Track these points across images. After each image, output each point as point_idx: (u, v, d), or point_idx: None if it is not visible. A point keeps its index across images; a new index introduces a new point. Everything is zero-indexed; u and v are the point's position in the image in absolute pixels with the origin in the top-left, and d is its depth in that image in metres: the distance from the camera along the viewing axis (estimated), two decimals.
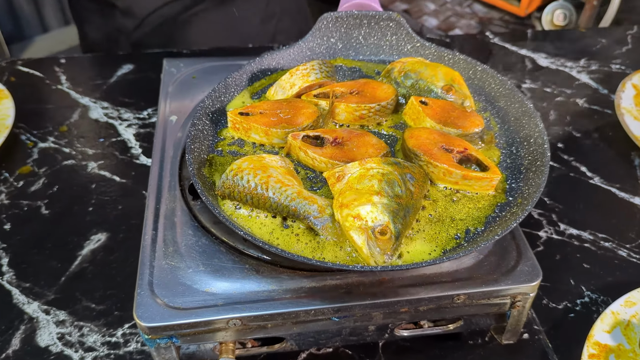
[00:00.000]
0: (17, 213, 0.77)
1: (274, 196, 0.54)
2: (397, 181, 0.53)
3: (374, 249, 0.50)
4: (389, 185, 0.53)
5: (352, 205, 0.51)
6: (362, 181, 0.53)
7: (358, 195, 0.52)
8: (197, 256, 0.56)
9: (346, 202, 0.52)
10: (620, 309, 0.64)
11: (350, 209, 0.51)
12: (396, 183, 0.53)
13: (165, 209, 0.61)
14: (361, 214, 0.51)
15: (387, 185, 0.53)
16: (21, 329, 0.64)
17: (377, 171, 0.54)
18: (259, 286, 0.53)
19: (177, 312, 0.51)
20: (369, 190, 0.52)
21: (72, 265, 0.71)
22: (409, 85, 0.68)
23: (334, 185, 0.55)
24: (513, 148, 0.65)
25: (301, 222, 0.54)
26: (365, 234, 0.50)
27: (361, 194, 0.52)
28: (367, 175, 0.54)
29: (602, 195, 0.84)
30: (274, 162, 0.58)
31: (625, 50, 1.14)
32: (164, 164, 0.66)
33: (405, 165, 0.56)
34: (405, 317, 0.56)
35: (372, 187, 0.53)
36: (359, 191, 0.53)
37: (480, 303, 0.56)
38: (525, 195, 0.57)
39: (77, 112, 0.94)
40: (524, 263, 0.56)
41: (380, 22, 0.76)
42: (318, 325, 0.55)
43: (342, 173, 0.55)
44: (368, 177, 0.53)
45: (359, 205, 0.51)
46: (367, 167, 0.54)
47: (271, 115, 0.63)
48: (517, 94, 0.68)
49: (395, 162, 0.55)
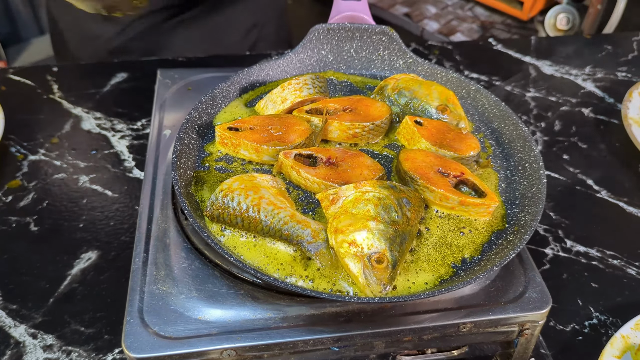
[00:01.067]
0: (5, 230, 0.75)
1: (266, 219, 0.51)
2: (394, 206, 0.51)
3: (370, 278, 0.47)
4: (385, 210, 0.50)
5: (348, 230, 0.49)
6: (358, 205, 0.51)
7: (353, 220, 0.50)
8: (190, 281, 0.53)
9: (341, 227, 0.49)
10: (630, 332, 0.62)
11: (345, 234, 0.49)
12: (392, 208, 0.51)
13: (157, 229, 0.58)
14: (357, 241, 0.48)
15: (383, 211, 0.50)
16: (7, 355, 0.62)
17: (373, 195, 0.51)
18: (254, 314, 0.51)
19: (169, 341, 0.49)
20: (364, 215, 0.50)
21: (61, 286, 0.68)
22: (402, 103, 0.66)
23: (328, 208, 0.53)
24: (508, 172, 0.63)
25: (294, 246, 0.52)
26: (361, 262, 0.48)
27: (357, 219, 0.50)
28: (362, 199, 0.51)
29: (609, 210, 0.81)
30: (265, 182, 0.55)
31: (631, 57, 1.12)
32: (156, 181, 0.63)
33: (401, 189, 0.54)
34: (409, 346, 0.53)
35: (368, 212, 0.50)
36: (354, 216, 0.50)
37: (487, 331, 0.53)
38: (522, 224, 0.55)
39: (69, 122, 0.92)
40: (532, 289, 0.54)
41: (372, 35, 0.73)
42: (317, 355, 0.52)
43: (337, 196, 0.52)
44: (364, 201, 0.51)
45: (355, 231, 0.49)
46: (362, 191, 0.52)
47: (262, 132, 0.60)
48: (511, 115, 0.66)
49: (391, 186, 0.53)
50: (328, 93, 0.69)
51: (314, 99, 0.66)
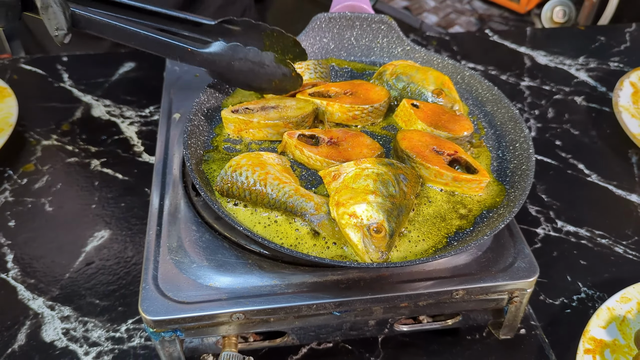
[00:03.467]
0: (22, 210, 0.78)
1: (272, 192, 0.55)
2: (391, 181, 0.54)
3: (369, 246, 0.51)
4: (383, 185, 0.54)
5: (348, 203, 0.53)
6: (358, 180, 0.54)
7: (354, 194, 0.53)
8: (201, 251, 0.57)
9: (342, 201, 0.53)
10: (615, 304, 0.65)
11: (346, 207, 0.52)
12: (390, 183, 0.54)
13: (169, 205, 0.62)
14: (357, 212, 0.52)
15: (381, 185, 0.54)
16: (27, 325, 0.65)
17: (372, 171, 0.55)
18: (261, 281, 0.54)
19: (182, 306, 0.52)
20: (364, 189, 0.53)
21: (76, 262, 0.72)
22: (400, 87, 0.70)
23: (330, 183, 0.56)
24: (500, 152, 0.66)
25: (299, 219, 0.55)
26: (360, 231, 0.51)
27: (357, 193, 0.53)
28: (362, 175, 0.55)
29: (599, 193, 0.85)
30: (271, 159, 0.59)
31: (623, 48, 1.15)
32: (167, 161, 0.67)
33: (398, 166, 0.57)
34: (405, 311, 0.57)
35: (367, 187, 0.54)
36: (354, 190, 0.54)
37: (479, 298, 0.57)
38: (512, 198, 0.58)
39: (79, 110, 0.95)
40: (521, 259, 0.57)
41: (372, 24, 0.77)
42: (319, 320, 0.56)
43: (338, 172, 0.56)
44: (363, 177, 0.55)
45: (355, 204, 0.52)
46: (362, 167, 0.55)
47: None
48: (503, 99, 0.69)
49: (389, 163, 0.57)
50: (330, 78, 0.72)
51: (315, 83, 0.69)
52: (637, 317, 0.64)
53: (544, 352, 0.64)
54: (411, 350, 0.64)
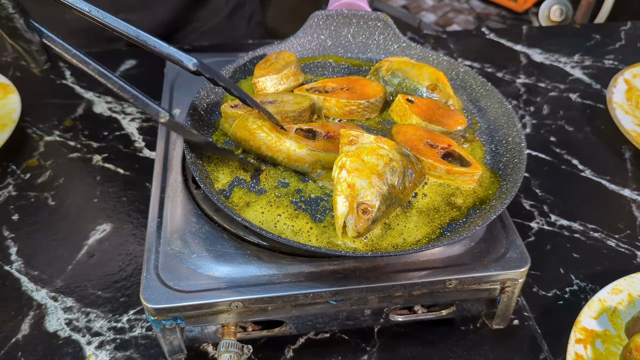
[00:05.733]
0: (25, 204, 0.80)
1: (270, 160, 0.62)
2: (399, 172, 0.56)
3: (349, 221, 0.52)
4: (391, 172, 0.55)
5: (352, 173, 0.54)
6: (371, 155, 0.55)
7: (361, 167, 0.54)
8: (201, 242, 0.58)
9: (348, 167, 0.54)
10: (607, 296, 0.67)
11: (349, 175, 0.53)
12: (397, 173, 0.55)
13: (170, 197, 0.63)
14: (356, 185, 0.53)
15: (389, 171, 0.55)
16: (30, 315, 0.67)
17: (387, 154, 0.55)
18: (260, 271, 0.56)
19: (182, 294, 0.54)
20: (372, 167, 0.54)
21: (78, 254, 0.73)
22: (396, 83, 0.71)
23: (344, 145, 0.57)
24: (492, 146, 0.68)
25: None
26: (349, 206, 0.52)
27: (364, 167, 0.54)
28: (376, 153, 0.55)
29: (592, 187, 0.86)
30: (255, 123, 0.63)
31: (618, 46, 1.16)
32: (167, 155, 0.68)
33: (412, 160, 0.58)
34: (400, 301, 0.58)
35: (376, 166, 0.54)
36: (364, 163, 0.54)
37: (471, 288, 0.58)
38: (504, 190, 0.60)
39: (81, 106, 0.96)
40: (513, 250, 0.59)
41: (368, 21, 0.78)
42: (316, 309, 0.57)
43: (356, 139, 0.56)
44: (377, 155, 0.55)
45: (358, 177, 0.53)
46: (379, 145, 0.56)
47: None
48: (497, 94, 0.70)
49: (405, 154, 0.57)
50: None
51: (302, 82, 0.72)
52: (628, 308, 0.66)
53: (536, 341, 0.66)
54: (406, 340, 0.66)
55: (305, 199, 0.59)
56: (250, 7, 1.21)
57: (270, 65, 0.71)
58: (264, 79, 0.69)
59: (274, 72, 0.70)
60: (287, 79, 0.70)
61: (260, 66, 0.72)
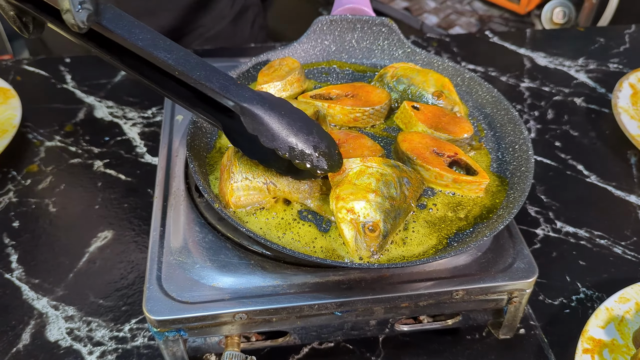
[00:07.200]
0: (25, 211, 0.79)
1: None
2: (394, 183, 0.55)
3: (360, 243, 0.52)
4: (385, 185, 0.55)
5: (348, 198, 0.53)
6: (361, 177, 0.55)
7: (355, 190, 0.54)
8: (204, 252, 0.57)
9: (342, 195, 0.54)
10: (614, 305, 0.66)
11: (345, 201, 0.53)
12: (392, 185, 0.55)
13: (172, 206, 0.62)
14: (355, 209, 0.53)
15: (383, 186, 0.54)
16: (31, 324, 0.66)
17: (377, 170, 0.56)
18: (264, 281, 0.55)
19: (185, 306, 0.53)
20: (366, 187, 0.54)
21: (79, 262, 0.73)
22: (401, 90, 0.70)
23: (334, 177, 0.57)
24: (499, 154, 0.67)
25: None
26: (355, 229, 0.52)
27: (358, 189, 0.54)
28: (366, 172, 0.55)
29: (598, 194, 0.86)
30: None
31: (623, 50, 1.16)
32: (170, 162, 0.68)
33: (403, 169, 0.58)
34: (406, 312, 0.58)
35: (369, 185, 0.54)
36: (356, 186, 0.54)
37: (478, 299, 0.58)
38: (511, 199, 0.59)
39: (82, 111, 0.96)
40: (520, 260, 0.58)
41: (373, 27, 0.78)
42: (321, 320, 0.56)
43: (343, 167, 0.57)
44: (367, 175, 0.55)
45: (354, 200, 0.53)
46: (367, 165, 0.56)
47: None
48: (503, 101, 0.70)
49: (395, 165, 0.57)
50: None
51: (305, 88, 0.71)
52: (635, 317, 0.65)
53: (543, 351, 0.65)
54: (411, 349, 0.65)
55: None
56: (253, 12, 1.20)
57: (274, 72, 0.71)
58: (268, 86, 0.69)
59: (277, 78, 0.69)
60: (291, 85, 0.70)
61: (263, 73, 0.71)
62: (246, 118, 0.49)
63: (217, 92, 0.49)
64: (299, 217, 0.58)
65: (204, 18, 1.11)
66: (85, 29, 0.45)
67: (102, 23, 0.47)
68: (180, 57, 0.48)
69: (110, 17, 0.48)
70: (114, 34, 0.48)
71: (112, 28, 0.47)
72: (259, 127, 0.49)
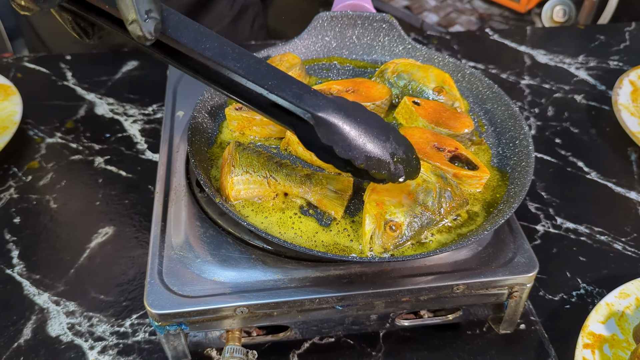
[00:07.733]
0: (27, 207, 0.79)
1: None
2: (434, 192, 0.55)
3: (377, 239, 0.52)
4: (424, 192, 0.55)
5: (382, 193, 0.54)
6: None
7: (392, 187, 0.54)
8: (205, 246, 0.57)
9: (379, 188, 0.54)
10: (614, 300, 0.66)
11: (378, 194, 0.54)
12: (432, 194, 0.55)
13: (173, 201, 0.62)
14: (385, 204, 0.53)
15: (422, 192, 0.55)
16: (32, 320, 0.66)
17: (421, 175, 0.55)
18: (265, 275, 0.55)
19: (187, 300, 0.53)
20: (403, 187, 0.55)
21: (80, 258, 0.73)
22: (401, 85, 0.70)
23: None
24: (500, 149, 0.67)
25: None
26: (376, 223, 0.52)
27: (396, 187, 0.54)
28: None
29: (598, 190, 0.86)
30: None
31: (623, 47, 1.16)
32: (171, 158, 0.68)
33: (450, 182, 0.57)
34: (406, 306, 0.58)
35: (407, 186, 0.55)
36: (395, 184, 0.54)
37: (479, 293, 0.58)
38: (512, 194, 0.59)
39: (83, 108, 0.96)
40: (520, 255, 0.58)
41: (373, 23, 0.78)
42: (322, 314, 0.56)
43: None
44: None
45: (387, 196, 0.54)
46: None
47: None
48: (503, 97, 0.70)
49: (442, 176, 0.57)
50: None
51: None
52: (635, 312, 0.65)
53: (543, 346, 0.65)
54: (412, 344, 0.65)
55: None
56: (253, 11, 1.20)
57: None
58: None
59: None
60: None
61: None
62: (321, 128, 0.46)
63: (291, 102, 0.46)
64: (300, 211, 0.58)
65: (204, 18, 1.11)
66: (152, 40, 0.42)
67: (166, 33, 0.44)
68: (250, 66, 0.46)
69: (175, 25, 0.44)
70: (179, 43, 0.45)
71: (177, 37, 0.44)
72: (333, 136, 0.46)
